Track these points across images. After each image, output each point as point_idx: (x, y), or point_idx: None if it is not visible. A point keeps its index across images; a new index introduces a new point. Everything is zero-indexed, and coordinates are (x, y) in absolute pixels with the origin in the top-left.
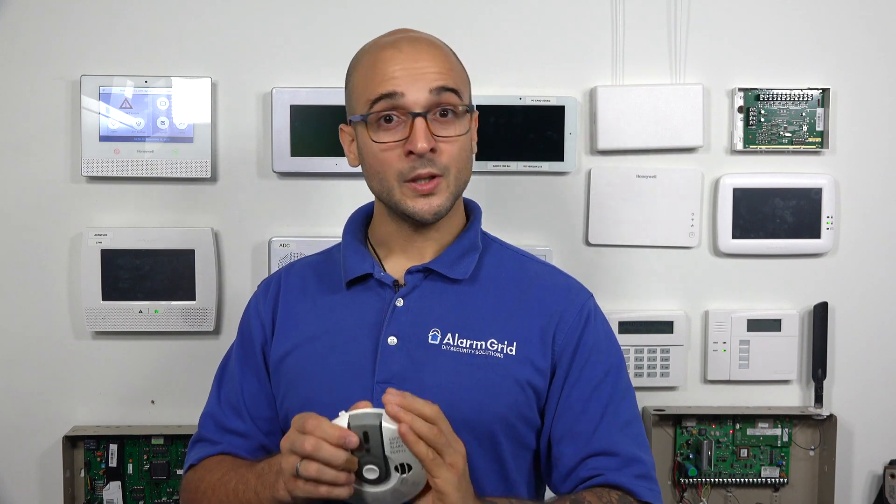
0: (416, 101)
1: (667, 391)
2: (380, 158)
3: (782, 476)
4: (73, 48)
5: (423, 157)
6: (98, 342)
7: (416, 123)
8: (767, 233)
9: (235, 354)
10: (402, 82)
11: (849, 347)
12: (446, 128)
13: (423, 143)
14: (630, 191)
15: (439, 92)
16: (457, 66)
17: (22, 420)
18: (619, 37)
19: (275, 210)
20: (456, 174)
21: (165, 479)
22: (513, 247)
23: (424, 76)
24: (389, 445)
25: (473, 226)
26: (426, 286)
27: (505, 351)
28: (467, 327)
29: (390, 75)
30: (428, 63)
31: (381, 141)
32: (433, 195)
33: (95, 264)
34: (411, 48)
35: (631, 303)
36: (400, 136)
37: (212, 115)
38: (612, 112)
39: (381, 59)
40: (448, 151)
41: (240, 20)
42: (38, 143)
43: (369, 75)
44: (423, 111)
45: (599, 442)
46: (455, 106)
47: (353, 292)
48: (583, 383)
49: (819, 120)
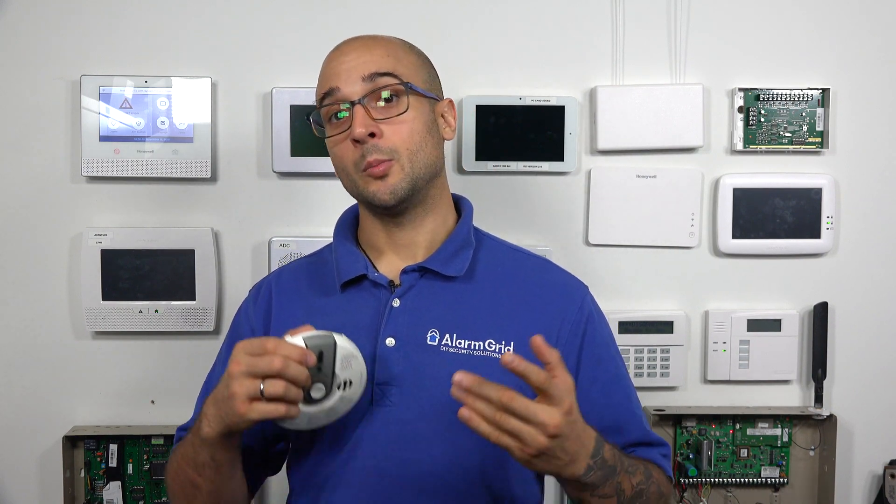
0: (351, 91)
1: (667, 391)
2: (335, 153)
3: (782, 476)
4: (73, 48)
5: (367, 143)
6: (98, 342)
7: (355, 111)
8: (767, 233)
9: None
10: (339, 77)
11: (849, 347)
12: (387, 110)
13: (359, 128)
14: (630, 191)
15: (373, 78)
16: (402, 53)
17: (22, 420)
18: (619, 37)
19: (275, 210)
20: (409, 155)
21: (165, 479)
22: (505, 241)
23: (356, 67)
24: (340, 363)
25: (465, 221)
26: (422, 285)
27: (503, 351)
28: (465, 327)
29: (330, 73)
30: (361, 54)
31: (331, 134)
32: (386, 176)
33: (95, 264)
34: (349, 46)
35: (631, 303)
36: (345, 127)
37: (212, 115)
38: (612, 112)
39: (325, 63)
40: (394, 132)
41: (240, 20)
42: (38, 143)
43: (319, 80)
44: (358, 98)
45: (631, 433)
46: (391, 87)
47: (347, 294)
48: (601, 380)
49: (819, 120)
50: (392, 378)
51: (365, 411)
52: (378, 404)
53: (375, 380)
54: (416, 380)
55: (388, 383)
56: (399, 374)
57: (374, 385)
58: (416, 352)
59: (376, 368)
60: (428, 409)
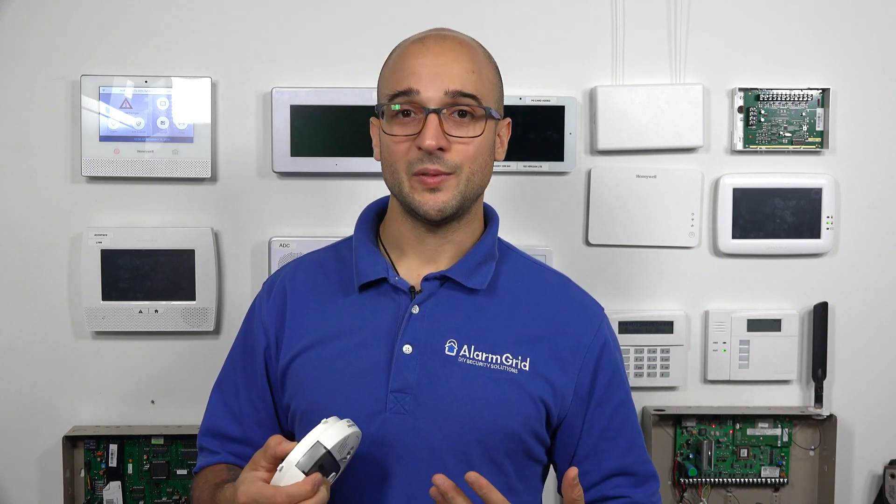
0: (430, 98)
1: (667, 391)
2: (391, 150)
3: (782, 476)
4: (73, 48)
5: (433, 154)
6: (98, 342)
7: (429, 120)
8: (767, 233)
9: (238, 359)
10: (420, 80)
11: (849, 347)
12: (461, 128)
13: (430, 140)
14: (630, 191)
15: (455, 95)
16: (485, 69)
17: (22, 420)
18: (619, 37)
19: (275, 210)
20: (468, 175)
21: (165, 479)
22: (526, 255)
23: (443, 75)
24: (338, 452)
25: (491, 232)
26: (443, 294)
27: (519, 366)
28: (483, 339)
29: (410, 71)
30: (448, 62)
31: (394, 134)
32: (439, 190)
33: (95, 264)
34: (437, 45)
35: (631, 303)
36: (412, 131)
37: (212, 115)
38: (612, 112)
39: (406, 55)
40: (461, 151)
41: (240, 20)
42: (38, 143)
43: (393, 69)
44: (437, 107)
45: (621, 461)
46: (471, 105)
47: (366, 296)
48: (606, 406)
49: (819, 120)
50: (407, 386)
51: (377, 419)
52: (392, 411)
53: (390, 387)
54: (431, 389)
55: (402, 391)
56: (415, 383)
57: (389, 392)
58: (432, 361)
59: (392, 375)
60: (441, 420)
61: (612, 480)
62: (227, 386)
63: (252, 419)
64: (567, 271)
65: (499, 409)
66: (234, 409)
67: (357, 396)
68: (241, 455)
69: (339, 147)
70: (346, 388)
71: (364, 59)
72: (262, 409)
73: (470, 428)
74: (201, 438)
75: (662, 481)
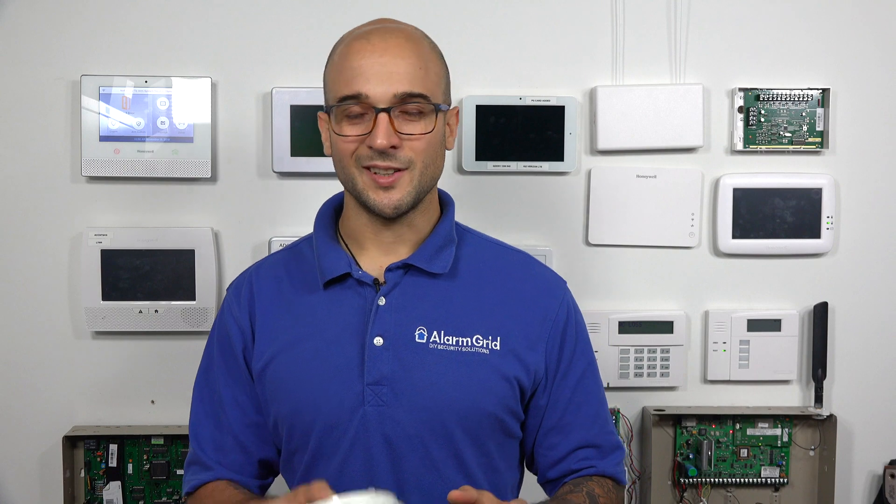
0: (380, 98)
1: (667, 391)
2: (341, 149)
3: (782, 476)
4: (73, 48)
5: (384, 152)
6: (98, 342)
7: (379, 119)
8: (767, 233)
9: (217, 365)
10: (368, 81)
11: (849, 347)
12: (412, 125)
13: (382, 139)
14: (630, 191)
15: (404, 97)
16: (431, 63)
17: (22, 420)
18: (619, 37)
19: (275, 210)
20: (422, 169)
21: (165, 479)
22: (485, 235)
23: (390, 77)
24: None
25: (447, 218)
26: (407, 282)
27: (490, 346)
28: (452, 324)
29: (357, 72)
30: (396, 61)
31: (345, 134)
32: (393, 188)
33: (95, 264)
34: (381, 42)
35: (631, 303)
36: (363, 130)
37: (212, 115)
38: (612, 112)
39: (351, 52)
40: (412, 147)
41: (240, 20)
42: (38, 143)
43: (339, 68)
44: (387, 106)
45: (586, 433)
46: (420, 104)
47: (331, 292)
48: (570, 377)
49: (819, 120)
50: (382, 377)
51: (357, 413)
52: (371, 405)
53: (366, 380)
54: (406, 378)
55: (378, 383)
56: (389, 374)
57: (366, 385)
58: (404, 350)
59: (366, 368)
60: (420, 408)
61: (577, 453)
62: (207, 395)
63: (241, 423)
64: (567, 271)
65: (475, 392)
66: (219, 418)
67: (335, 394)
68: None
69: None
70: (323, 386)
71: None
72: (252, 410)
73: (449, 413)
74: (191, 454)
75: (662, 481)
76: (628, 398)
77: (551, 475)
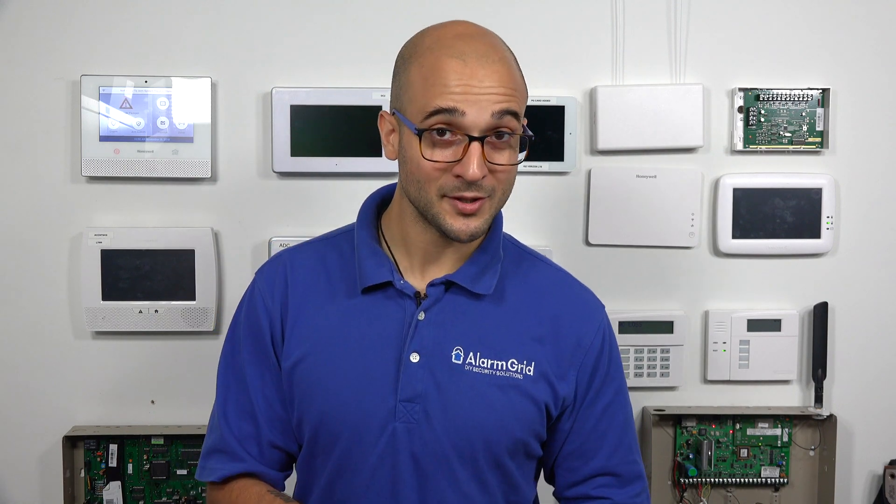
0: (474, 124)
1: (667, 391)
2: (425, 170)
3: (782, 476)
4: (73, 48)
5: (473, 182)
6: (98, 342)
7: (472, 149)
8: (767, 233)
9: (246, 354)
10: (464, 100)
11: (849, 347)
12: (501, 154)
13: (475, 170)
14: (630, 191)
15: (501, 115)
16: (520, 81)
17: (22, 420)
18: (619, 37)
19: (275, 210)
20: (500, 196)
21: (165, 479)
22: (526, 248)
23: (488, 97)
24: None
25: (496, 234)
26: (448, 300)
27: (524, 371)
28: (488, 345)
29: (451, 89)
30: (494, 83)
31: (433, 159)
32: (474, 216)
33: (95, 264)
34: (477, 63)
35: (631, 303)
36: (452, 157)
37: (212, 115)
38: (612, 112)
39: (445, 68)
40: (499, 177)
41: (240, 20)
42: (38, 143)
43: (430, 80)
44: (480, 135)
45: (606, 462)
46: (514, 130)
47: (370, 298)
48: (597, 405)
49: (819, 120)
50: (416, 395)
51: (388, 428)
52: (402, 420)
53: (399, 396)
54: (440, 399)
55: (412, 400)
56: (423, 392)
57: (399, 402)
58: (440, 369)
59: (400, 384)
60: (450, 429)
61: (595, 480)
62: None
63: (269, 416)
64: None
65: (505, 417)
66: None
67: (367, 406)
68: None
69: (339, 147)
70: (355, 396)
71: (364, 59)
72: (279, 404)
73: (477, 436)
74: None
75: (662, 481)
76: None
77: (567, 494)
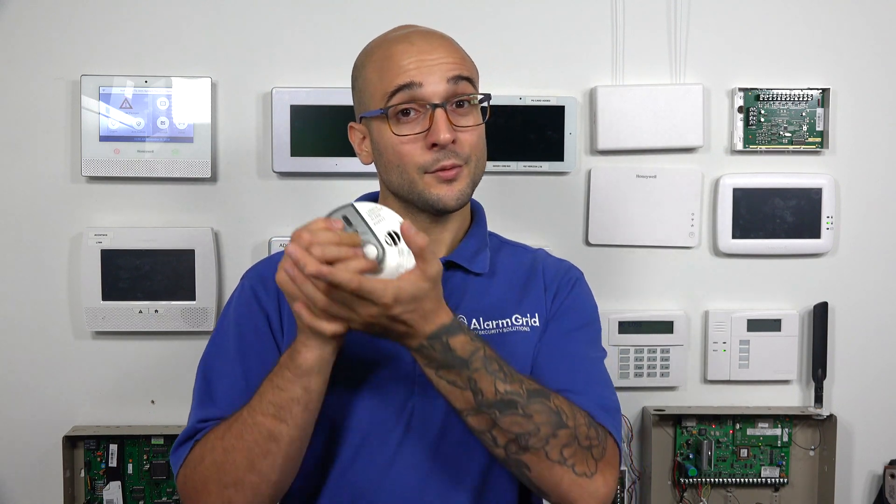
0: (434, 92)
1: (667, 391)
2: (400, 151)
3: (782, 476)
4: (73, 48)
5: (446, 148)
6: (98, 342)
7: (437, 115)
8: (767, 233)
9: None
10: (419, 73)
11: (849, 347)
12: (465, 118)
13: (445, 133)
14: (630, 191)
15: (456, 81)
16: (467, 56)
17: (22, 420)
18: (619, 37)
19: (275, 210)
20: (476, 162)
21: (165, 479)
22: (509, 240)
23: (440, 66)
24: (369, 217)
25: (481, 223)
26: (446, 276)
27: (530, 323)
28: (490, 312)
29: (406, 67)
30: (442, 54)
31: (402, 134)
32: (455, 181)
33: (95, 264)
34: (423, 41)
35: (631, 303)
36: (420, 129)
37: (212, 115)
38: (612, 112)
39: (395, 53)
40: (468, 141)
41: (240, 20)
42: (38, 143)
43: (384, 68)
44: (441, 101)
45: (565, 381)
46: (471, 95)
47: None
48: (563, 323)
49: (819, 120)
50: None
51: (404, 398)
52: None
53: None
54: None
55: None
56: None
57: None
58: None
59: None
60: None
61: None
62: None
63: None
64: None
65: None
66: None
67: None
68: None
69: (339, 147)
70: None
71: None
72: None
73: None
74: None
75: (662, 481)
76: (628, 398)
77: None
